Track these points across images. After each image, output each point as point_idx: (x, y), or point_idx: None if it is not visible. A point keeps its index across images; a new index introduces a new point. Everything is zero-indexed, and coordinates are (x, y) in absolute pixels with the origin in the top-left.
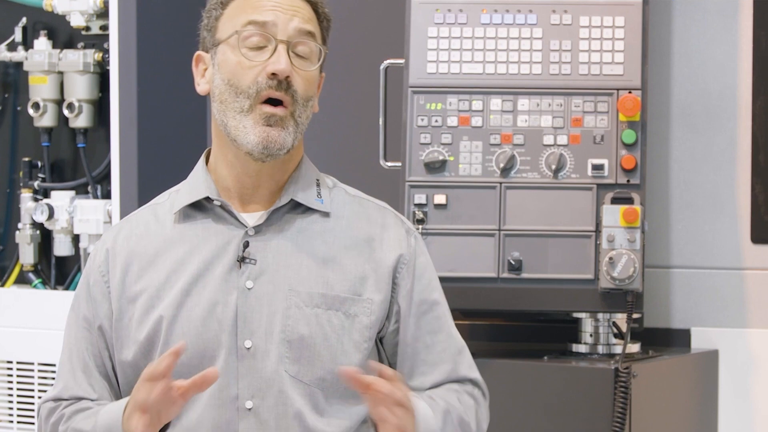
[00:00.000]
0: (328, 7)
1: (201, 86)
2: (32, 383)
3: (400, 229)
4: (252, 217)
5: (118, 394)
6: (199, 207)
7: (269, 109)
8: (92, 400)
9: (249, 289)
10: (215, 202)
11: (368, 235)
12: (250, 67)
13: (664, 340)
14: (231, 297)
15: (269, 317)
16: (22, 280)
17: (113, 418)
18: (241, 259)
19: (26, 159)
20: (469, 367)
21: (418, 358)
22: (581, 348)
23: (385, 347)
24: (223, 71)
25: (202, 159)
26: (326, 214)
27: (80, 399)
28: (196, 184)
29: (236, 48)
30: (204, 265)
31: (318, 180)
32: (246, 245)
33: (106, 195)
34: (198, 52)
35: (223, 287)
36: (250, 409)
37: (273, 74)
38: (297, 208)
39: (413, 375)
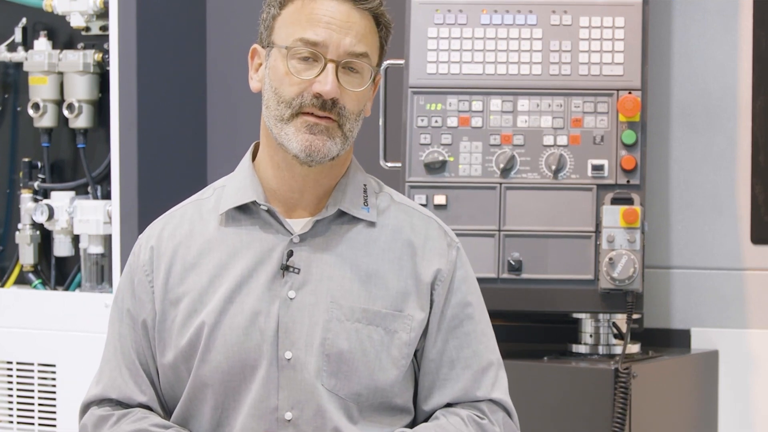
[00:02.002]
0: (390, 14)
1: (253, 82)
2: (32, 383)
3: (441, 241)
4: (297, 224)
5: (160, 392)
6: (244, 209)
7: (312, 119)
8: (143, 406)
9: (291, 299)
10: (262, 207)
11: (411, 248)
12: (297, 82)
13: (664, 341)
14: (273, 306)
15: (310, 329)
16: (22, 280)
17: None
18: (285, 268)
19: (26, 159)
20: (491, 386)
21: (440, 372)
22: (581, 348)
23: (417, 362)
24: (272, 77)
25: (249, 155)
26: (372, 224)
27: (130, 403)
28: (242, 185)
29: (286, 59)
30: (247, 271)
31: (365, 186)
32: (290, 254)
33: (106, 195)
34: (254, 45)
35: (265, 296)
36: (289, 420)
37: (318, 94)
38: (343, 216)
39: (433, 390)
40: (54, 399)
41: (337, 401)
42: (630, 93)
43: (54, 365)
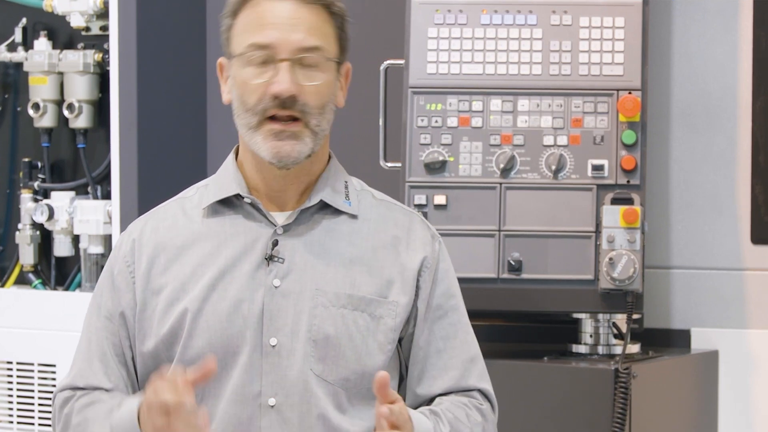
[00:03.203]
0: (341, 2)
1: (224, 95)
2: (32, 383)
3: (425, 233)
4: (281, 216)
5: (135, 384)
6: (228, 203)
7: (276, 126)
8: (106, 390)
9: (276, 287)
10: (245, 200)
11: (395, 238)
12: (255, 88)
13: (664, 341)
14: (257, 294)
15: (295, 316)
16: (22, 280)
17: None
18: (269, 257)
19: (26, 159)
20: (479, 376)
21: (429, 362)
22: (581, 348)
23: (402, 349)
24: (236, 87)
25: (232, 154)
26: (354, 216)
27: (95, 389)
28: (226, 180)
29: (242, 66)
30: (231, 261)
31: (346, 182)
32: (275, 244)
33: (106, 195)
34: (220, 60)
35: (250, 284)
36: (272, 406)
37: (276, 95)
38: (325, 209)
39: (422, 379)
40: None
41: (326, 387)
42: (630, 93)
43: (54, 365)
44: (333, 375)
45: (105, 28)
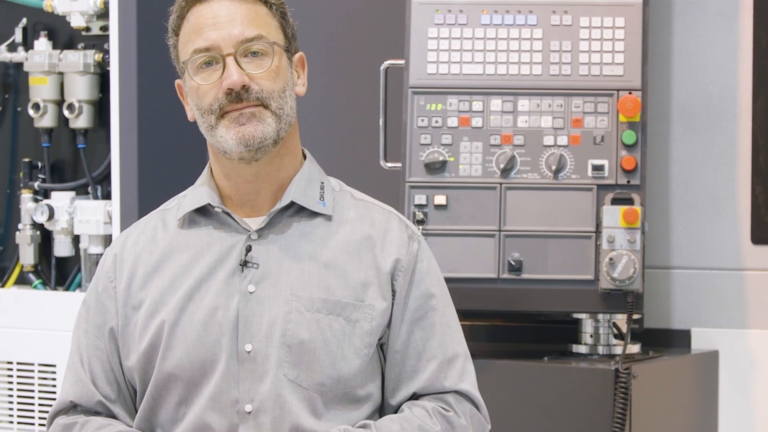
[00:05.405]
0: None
1: (189, 113)
2: (32, 384)
3: (402, 234)
4: (255, 222)
5: (128, 397)
6: (204, 213)
7: (235, 112)
8: (104, 407)
9: (251, 293)
10: (216, 209)
11: (371, 240)
12: (208, 89)
13: (665, 341)
14: (232, 301)
15: (270, 321)
16: (23, 280)
17: None
18: (244, 264)
19: (26, 160)
20: (458, 377)
21: (407, 364)
22: (581, 349)
23: (384, 354)
24: (192, 97)
25: (208, 166)
26: (329, 218)
27: (91, 407)
28: (200, 191)
29: (193, 75)
30: (207, 270)
31: (323, 183)
32: (248, 249)
33: (107, 196)
34: (177, 81)
35: (224, 291)
36: (249, 412)
37: (229, 89)
38: (301, 212)
39: (400, 382)
40: (54, 399)
41: (300, 393)
42: (630, 93)
43: (54, 365)
44: (308, 380)
45: (105, 28)
